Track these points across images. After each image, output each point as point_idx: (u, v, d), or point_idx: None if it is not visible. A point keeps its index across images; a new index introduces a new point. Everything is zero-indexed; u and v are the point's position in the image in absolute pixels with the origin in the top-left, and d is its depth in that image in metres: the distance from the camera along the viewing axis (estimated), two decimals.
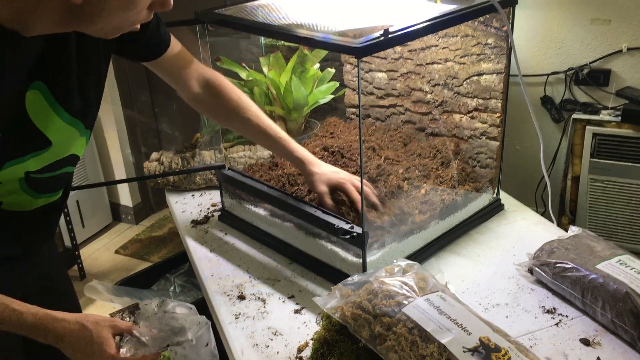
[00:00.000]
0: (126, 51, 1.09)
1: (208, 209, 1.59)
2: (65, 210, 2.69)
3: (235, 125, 1.34)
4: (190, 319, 1.02)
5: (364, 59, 1.60)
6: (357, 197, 1.22)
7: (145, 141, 3.16)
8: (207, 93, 1.26)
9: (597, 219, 2.22)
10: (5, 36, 0.79)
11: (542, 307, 1.14)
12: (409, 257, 1.24)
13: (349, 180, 1.24)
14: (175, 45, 1.18)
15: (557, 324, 1.09)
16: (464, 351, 0.88)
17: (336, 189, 1.25)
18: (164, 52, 1.16)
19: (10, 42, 0.80)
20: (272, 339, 1.10)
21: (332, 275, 1.23)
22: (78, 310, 1.31)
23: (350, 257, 1.20)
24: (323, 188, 1.24)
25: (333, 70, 1.72)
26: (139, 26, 0.90)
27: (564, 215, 2.33)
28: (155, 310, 1.03)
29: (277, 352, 1.07)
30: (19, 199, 0.97)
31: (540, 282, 1.20)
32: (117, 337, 0.97)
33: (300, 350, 1.07)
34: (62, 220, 2.67)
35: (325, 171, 1.26)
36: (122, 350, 0.95)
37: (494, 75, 1.36)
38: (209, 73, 1.27)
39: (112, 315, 1.03)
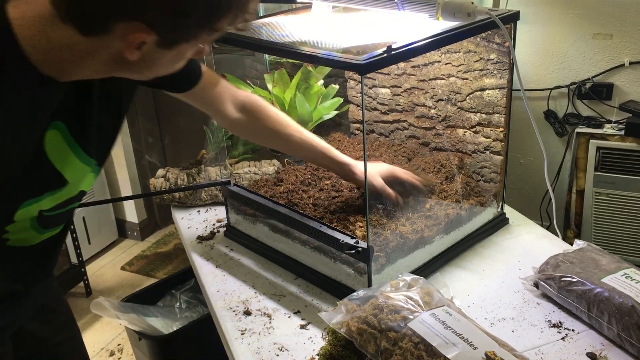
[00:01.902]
0: (155, 85, 1.08)
1: (214, 224, 1.60)
2: (72, 227, 2.71)
3: (278, 144, 1.36)
4: None
5: (368, 75, 1.61)
6: (409, 177, 1.32)
7: (151, 158, 3.18)
8: (246, 116, 1.27)
9: (602, 232, 2.21)
10: (41, 82, 0.78)
11: (548, 321, 1.14)
12: (414, 272, 1.24)
13: (394, 168, 1.33)
14: (207, 74, 1.18)
15: (563, 338, 1.09)
16: None
17: (387, 179, 1.30)
18: (195, 83, 1.16)
19: (45, 87, 0.80)
20: (278, 355, 1.10)
21: (337, 290, 1.24)
22: (79, 341, 1.29)
23: (355, 272, 1.21)
24: (380, 181, 1.28)
25: (337, 87, 1.74)
26: None
27: (569, 228, 2.32)
28: None
29: None
30: (26, 236, 0.96)
31: (546, 296, 1.20)
32: None
33: None
34: (68, 237, 2.68)
35: (370, 168, 1.29)
36: None
37: (497, 90, 1.37)
38: (243, 96, 1.27)
39: None
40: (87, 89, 0.89)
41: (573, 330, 1.11)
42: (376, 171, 1.30)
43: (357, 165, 1.30)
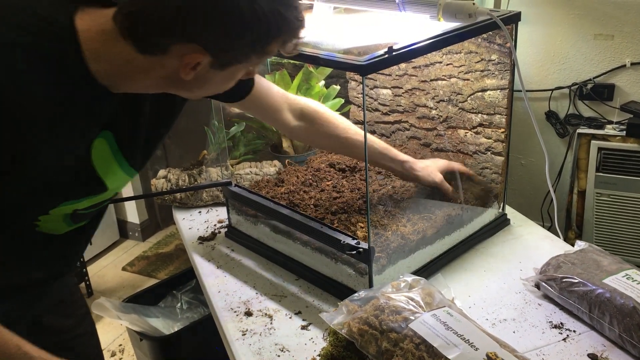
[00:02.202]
0: (209, 95, 1.09)
1: (215, 225, 1.60)
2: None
3: (339, 148, 1.37)
4: None
5: (369, 75, 1.61)
6: (466, 170, 1.40)
7: (152, 158, 3.18)
8: (305, 123, 1.28)
9: (603, 233, 2.21)
10: (96, 90, 0.81)
11: (550, 322, 1.14)
12: (415, 273, 1.24)
13: (451, 162, 1.39)
14: (260, 83, 1.20)
15: (564, 339, 1.09)
16: None
17: (445, 173, 1.36)
18: (248, 92, 1.18)
19: (100, 97, 0.83)
20: (279, 355, 1.10)
21: (338, 291, 1.24)
22: (95, 335, 1.30)
23: (356, 273, 1.21)
24: (439, 176, 1.34)
25: (338, 87, 1.74)
26: None
27: (571, 229, 2.32)
28: None
29: None
30: (55, 226, 0.98)
31: (547, 297, 1.20)
32: None
33: None
34: None
35: (428, 164, 1.35)
36: None
37: (498, 91, 1.37)
38: (301, 103, 1.28)
39: None
40: (139, 103, 0.91)
41: (574, 331, 1.11)
42: (435, 167, 1.34)
43: (417, 163, 1.34)
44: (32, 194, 0.85)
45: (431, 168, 1.34)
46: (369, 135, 1.30)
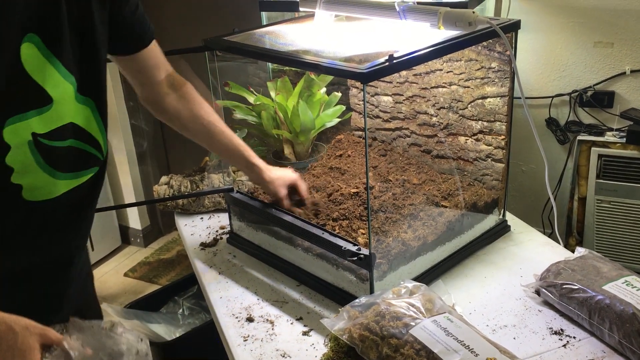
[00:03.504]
0: (117, 23, 1.05)
1: (217, 231, 1.61)
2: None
3: (197, 130, 1.30)
4: (131, 345, 0.92)
5: (370, 83, 1.62)
6: (305, 193, 1.38)
7: (154, 165, 3.19)
8: (174, 94, 1.25)
9: (604, 239, 2.22)
10: None
11: (550, 328, 1.14)
12: (416, 279, 1.25)
13: (298, 178, 1.38)
14: (155, 43, 1.18)
15: (564, 346, 1.09)
16: None
17: (291, 187, 1.37)
18: (150, 42, 1.15)
19: None
20: None
21: (339, 297, 1.24)
22: None
23: (357, 279, 1.21)
24: (284, 191, 1.35)
25: (339, 94, 1.75)
26: None
27: (571, 236, 2.33)
28: (97, 329, 0.93)
29: None
30: (38, 180, 0.94)
31: (547, 304, 1.20)
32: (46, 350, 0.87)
33: None
34: None
35: (279, 175, 1.36)
36: None
37: (498, 98, 1.38)
38: (176, 75, 1.26)
39: (52, 327, 0.91)
40: (54, 2, 0.90)
41: (574, 337, 1.11)
42: (283, 182, 1.36)
43: (268, 171, 1.35)
44: None
45: (279, 181, 1.35)
46: (228, 130, 1.31)
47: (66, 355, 0.87)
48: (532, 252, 1.40)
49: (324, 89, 1.76)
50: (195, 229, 1.63)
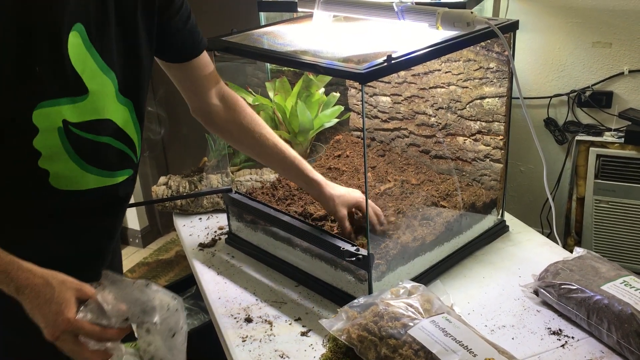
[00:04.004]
0: (167, 33, 1.08)
1: (215, 232, 1.60)
2: None
3: (250, 144, 1.27)
4: (163, 302, 0.93)
5: (368, 83, 1.62)
6: (372, 216, 1.25)
7: (152, 165, 3.19)
8: (223, 106, 1.24)
9: (602, 239, 2.22)
10: None
11: (548, 328, 1.14)
12: (415, 279, 1.25)
13: (362, 200, 1.26)
14: (206, 54, 1.19)
15: (563, 346, 1.09)
16: None
17: (353, 208, 1.27)
18: (200, 53, 1.17)
19: None
20: None
21: (338, 297, 1.24)
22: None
23: (355, 280, 1.21)
24: (344, 212, 1.25)
25: (338, 95, 1.75)
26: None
27: (570, 236, 2.33)
28: (130, 284, 0.93)
29: None
30: (66, 169, 0.95)
31: (545, 304, 1.20)
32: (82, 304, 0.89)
33: None
34: None
35: (342, 193, 1.27)
36: (80, 315, 0.86)
37: (497, 98, 1.38)
38: (227, 89, 1.26)
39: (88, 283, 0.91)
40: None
41: (573, 337, 1.11)
42: (344, 200, 1.26)
43: (328, 187, 1.26)
44: None
45: (340, 200, 1.25)
46: (283, 143, 1.27)
47: (99, 308, 0.88)
48: (531, 252, 1.40)
49: (323, 90, 1.76)
50: (194, 230, 1.63)
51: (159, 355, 0.91)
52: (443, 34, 1.19)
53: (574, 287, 1.14)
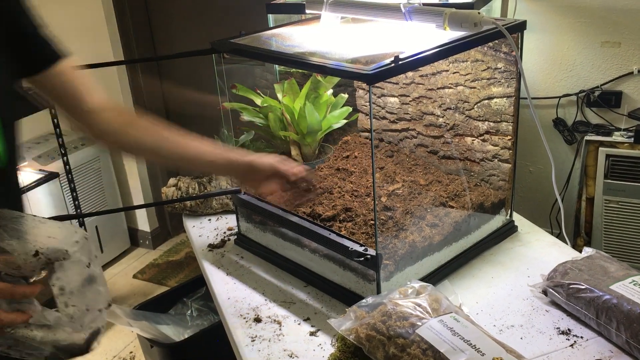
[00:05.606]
0: (17, 41, 0.97)
1: (224, 233, 1.61)
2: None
3: (157, 145, 1.12)
4: (69, 231, 0.85)
5: (376, 84, 1.63)
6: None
7: (162, 167, 3.21)
8: (114, 111, 1.09)
9: (612, 239, 2.21)
10: None
11: (557, 328, 1.14)
12: (423, 279, 1.25)
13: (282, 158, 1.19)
14: (75, 69, 1.05)
15: (572, 345, 1.09)
16: None
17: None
18: (53, 62, 1.02)
19: None
20: None
21: (346, 297, 1.25)
22: None
23: (364, 280, 1.22)
24: (274, 157, 1.18)
25: (346, 96, 1.75)
26: None
27: (579, 236, 2.32)
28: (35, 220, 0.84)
29: None
30: None
31: (554, 304, 1.20)
32: None
33: None
34: None
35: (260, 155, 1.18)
36: None
37: (505, 98, 1.38)
38: (113, 103, 1.11)
39: None
40: None
41: (582, 337, 1.11)
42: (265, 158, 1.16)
43: (247, 155, 1.17)
44: None
45: (263, 156, 1.17)
46: (172, 133, 1.13)
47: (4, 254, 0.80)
48: (540, 252, 1.40)
49: (331, 91, 1.76)
50: (203, 231, 1.64)
51: (78, 289, 0.84)
52: (450, 34, 1.19)
53: (583, 287, 1.13)
